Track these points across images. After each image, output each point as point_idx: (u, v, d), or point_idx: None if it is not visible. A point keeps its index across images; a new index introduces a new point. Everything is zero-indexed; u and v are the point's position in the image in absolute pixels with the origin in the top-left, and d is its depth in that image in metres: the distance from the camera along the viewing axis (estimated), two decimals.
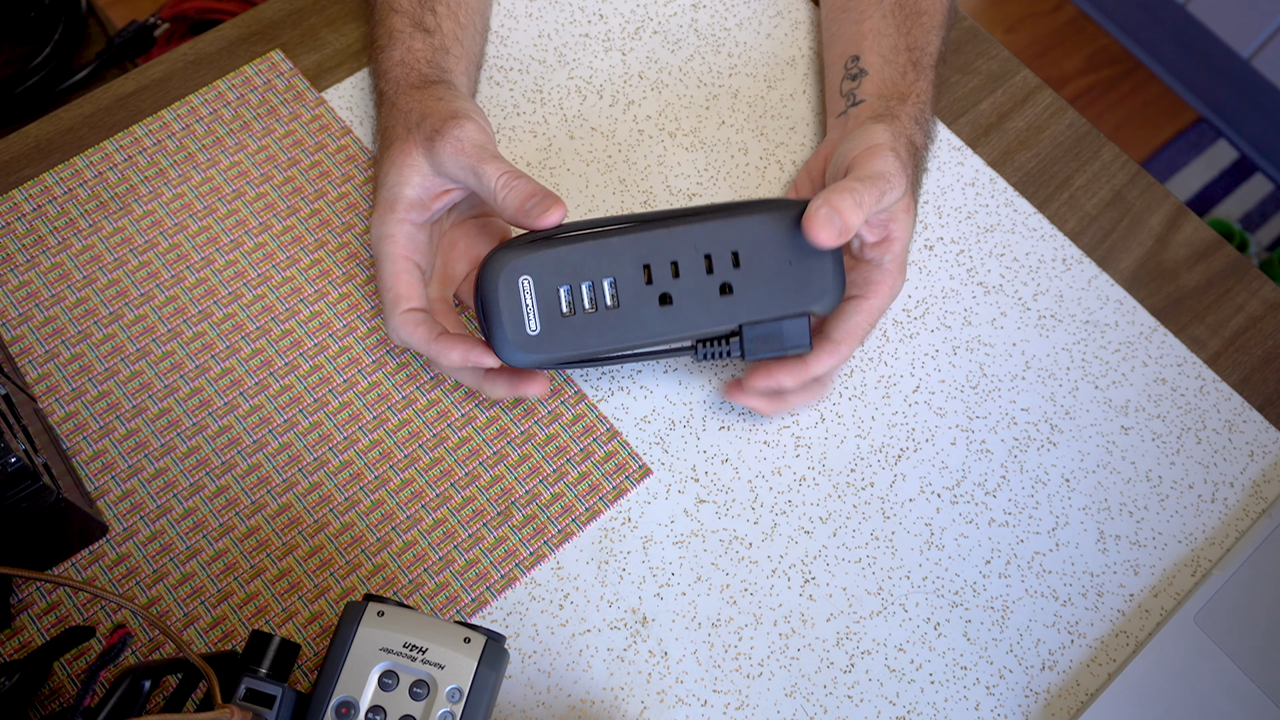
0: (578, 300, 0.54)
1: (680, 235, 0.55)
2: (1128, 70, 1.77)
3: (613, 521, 0.59)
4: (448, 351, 0.55)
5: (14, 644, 0.54)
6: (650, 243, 0.55)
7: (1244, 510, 0.61)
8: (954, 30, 0.75)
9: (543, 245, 0.54)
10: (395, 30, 0.63)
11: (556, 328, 0.54)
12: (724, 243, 0.55)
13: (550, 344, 0.54)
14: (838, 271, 0.56)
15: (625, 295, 0.55)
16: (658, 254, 0.55)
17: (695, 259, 0.55)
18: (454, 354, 0.55)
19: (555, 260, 0.54)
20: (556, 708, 0.55)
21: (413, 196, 0.57)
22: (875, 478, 0.61)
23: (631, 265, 0.55)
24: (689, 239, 0.55)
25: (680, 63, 0.72)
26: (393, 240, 0.57)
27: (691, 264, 0.55)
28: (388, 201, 0.57)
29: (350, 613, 0.46)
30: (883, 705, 0.56)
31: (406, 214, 0.57)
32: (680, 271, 0.55)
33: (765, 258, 0.55)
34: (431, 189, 0.57)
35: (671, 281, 0.55)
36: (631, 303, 0.55)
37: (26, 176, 0.65)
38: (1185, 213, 0.70)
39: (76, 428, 0.59)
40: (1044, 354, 0.65)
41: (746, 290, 0.55)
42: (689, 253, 0.55)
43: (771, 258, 0.55)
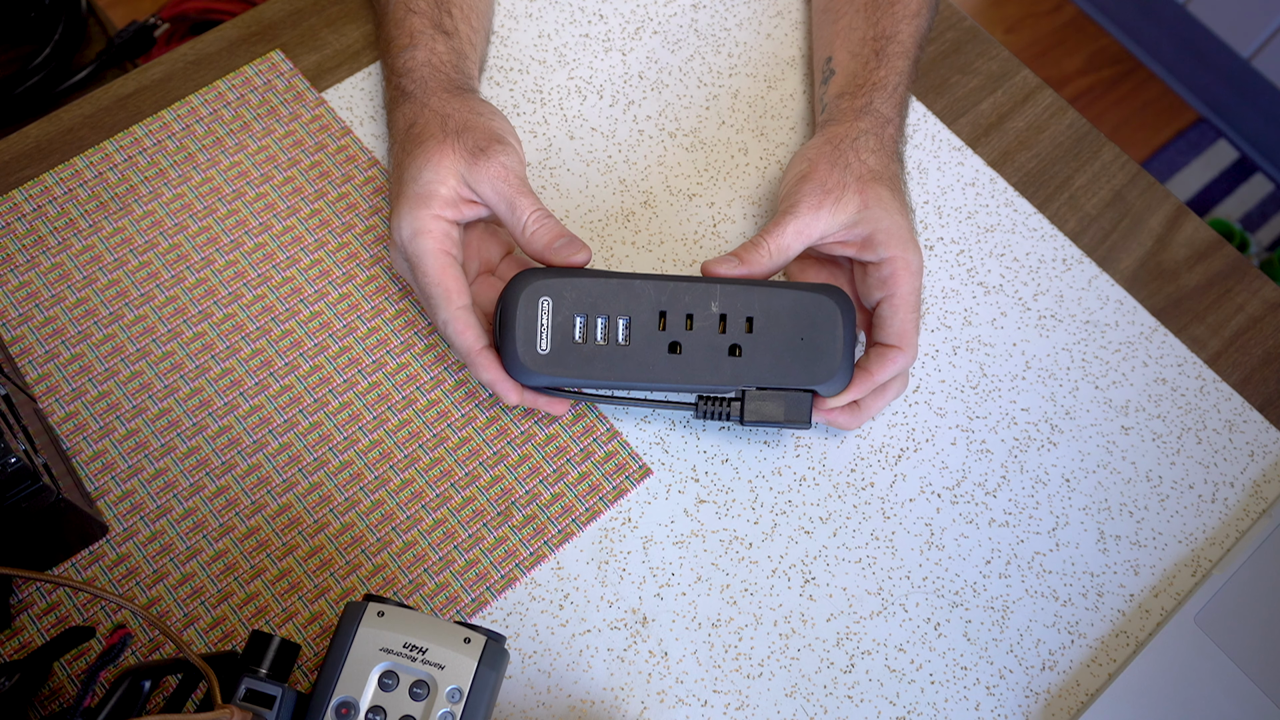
0: (591, 331, 0.57)
1: (700, 291, 0.57)
2: (1128, 70, 1.77)
3: (613, 521, 0.59)
4: (485, 369, 0.57)
5: (14, 644, 0.54)
6: (670, 292, 0.57)
7: (1244, 510, 0.61)
8: (954, 30, 0.75)
9: (569, 274, 0.57)
10: (416, 31, 0.63)
11: (566, 352, 0.56)
12: (741, 306, 0.57)
13: (557, 366, 0.56)
14: (847, 356, 0.57)
15: (637, 336, 0.57)
16: (675, 304, 0.57)
17: (710, 316, 0.57)
18: (486, 374, 0.57)
19: (578, 289, 0.57)
20: (556, 708, 0.55)
21: (448, 195, 0.57)
22: (875, 478, 0.61)
23: (648, 309, 0.57)
24: (708, 296, 0.57)
25: (680, 63, 0.72)
26: (430, 235, 0.57)
27: (705, 320, 0.57)
28: (420, 196, 0.57)
29: (350, 613, 0.46)
30: (883, 705, 0.56)
31: (442, 211, 0.57)
32: (694, 324, 0.57)
33: (778, 329, 0.57)
34: (464, 195, 0.58)
35: (684, 332, 0.57)
36: (641, 344, 0.57)
37: (26, 177, 0.65)
38: (1185, 213, 0.70)
39: (76, 428, 0.59)
40: (1044, 354, 0.65)
41: (755, 356, 0.57)
42: (705, 309, 0.57)
43: (785, 330, 0.57)
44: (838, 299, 0.57)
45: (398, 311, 0.63)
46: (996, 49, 0.75)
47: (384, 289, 0.64)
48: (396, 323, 0.63)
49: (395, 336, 0.62)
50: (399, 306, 0.63)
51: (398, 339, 0.62)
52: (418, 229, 0.57)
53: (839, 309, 0.57)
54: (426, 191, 0.57)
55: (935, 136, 0.71)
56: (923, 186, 0.69)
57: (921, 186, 0.69)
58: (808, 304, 0.57)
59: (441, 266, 0.57)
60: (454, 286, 0.56)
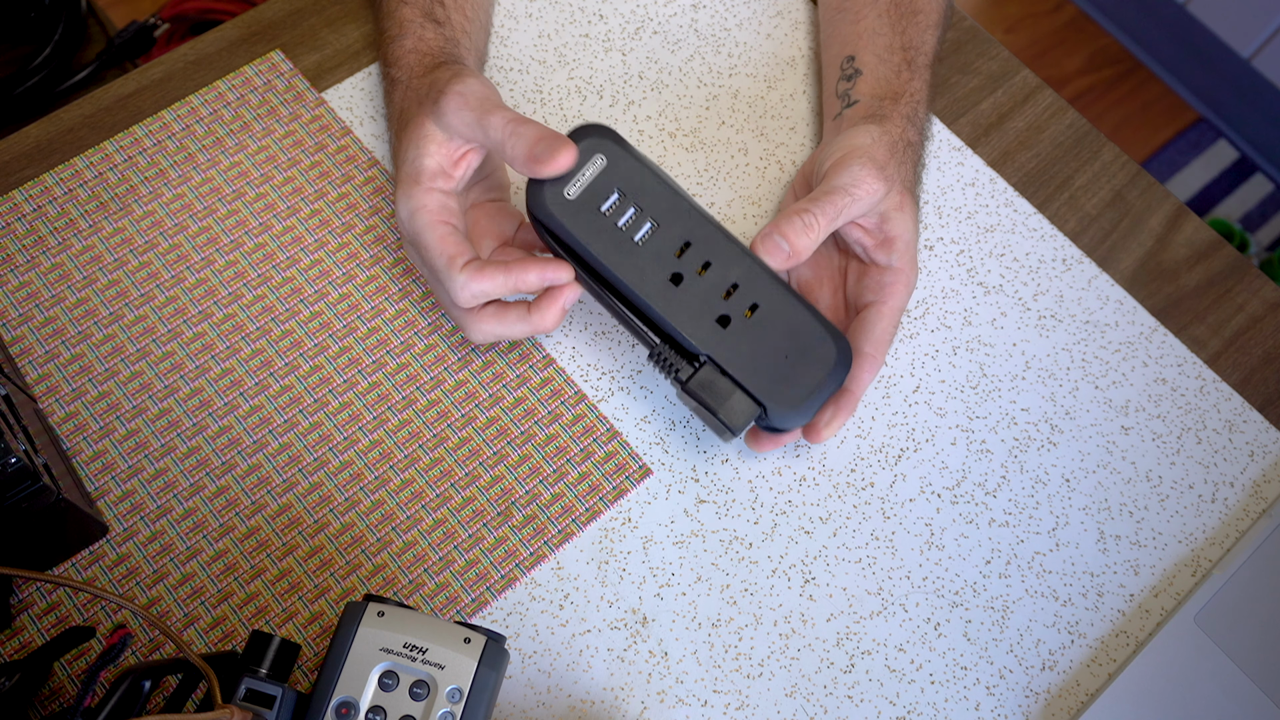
0: (618, 212, 0.55)
1: (732, 252, 0.56)
2: (1128, 70, 1.77)
3: (613, 521, 0.59)
4: (524, 275, 0.55)
5: (14, 644, 0.54)
6: (706, 233, 0.56)
7: (1244, 510, 0.61)
8: (954, 30, 0.75)
9: (637, 154, 0.56)
10: (406, 20, 0.63)
11: (584, 212, 0.55)
12: (755, 289, 0.56)
13: (570, 217, 0.55)
14: (815, 400, 0.55)
15: (652, 246, 0.55)
16: (703, 246, 0.56)
17: (725, 277, 0.56)
18: (530, 275, 0.55)
19: (634, 171, 0.56)
20: (556, 708, 0.55)
21: (433, 166, 0.57)
22: (875, 478, 0.61)
23: (678, 232, 0.56)
24: (735, 261, 0.56)
25: (680, 63, 0.72)
26: (425, 210, 0.56)
27: (718, 277, 0.56)
28: (410, 176, 0.57)
29: (350, 613, 0.46)
30: (883, 705, 0.56)
31: (431, 183, 0.57)
32: (705, 273, 0.56)
33: (774, 334, 0.55)
34: (450, 155, 0.57)
35: (693, 274, 0.56)
36: (651, 255, 0.55)
37: (27, 177, 0.65)
38: (1185, 213, 0.70)
39: (77, 428, 0.59)
40: (1044, 354, 0.65)
41: (738, 339, 0.55)
42: (725, 268, 0.56)
43: (778, 339, 0.55)
44: (841, 349, 0.56)
45: (398, 311, 0.63)
46: (996, 49, 0.75)
47: (384, 289, 0.64)
48: (396, 323, 0.63)
49: (395, 336, 0.62)
50: (399, 306, 0.63)
51: (398, 339, 0.62)
52: (412, 208, 0.56)
53: (837, 357, 0.55)
54: (414, 170, 0.57)
55: (935, 136, 0.71)
56: (923, 184, 0.69)
57: (922, 186, 0.69)
58: (813, 333, 0.55)
59: (441, 236, 0.56)
60: (455, 250, 0.55)
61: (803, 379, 0.55)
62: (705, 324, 0.55)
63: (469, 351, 0.62)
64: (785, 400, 0.55)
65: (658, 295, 0.55)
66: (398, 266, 0.64)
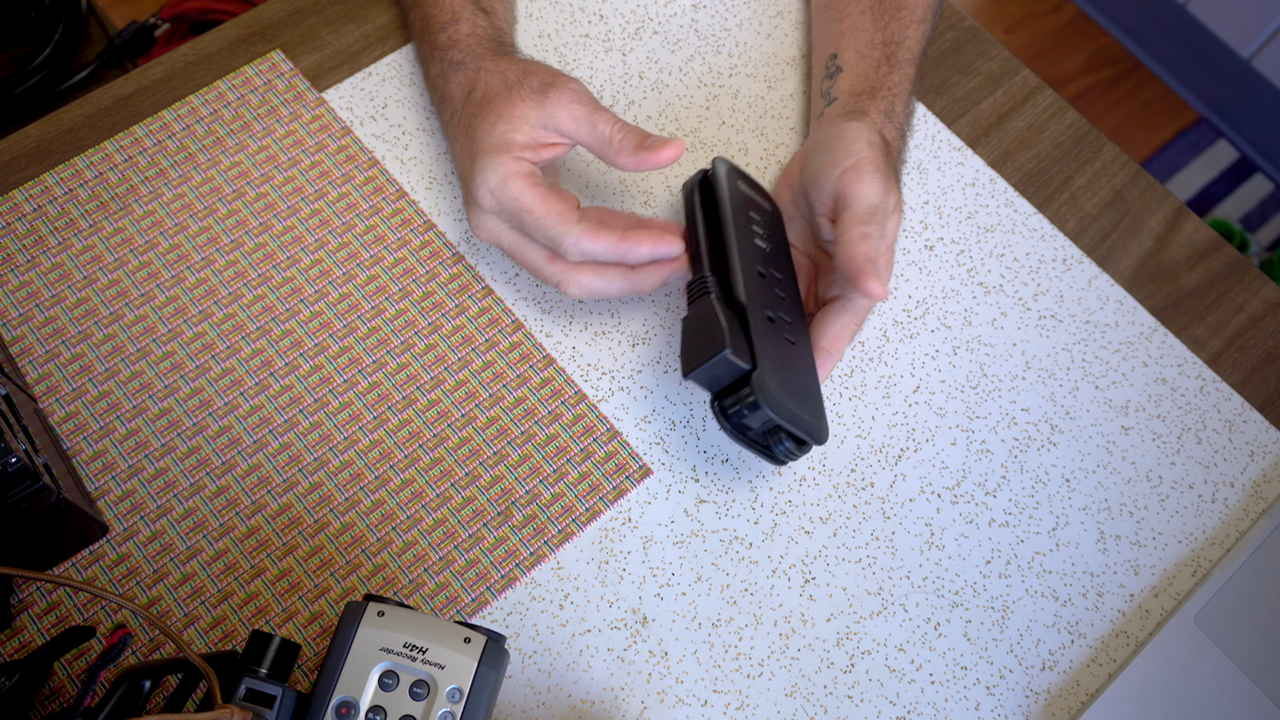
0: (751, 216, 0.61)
1: (796, 298, 0.60)
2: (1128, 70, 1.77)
3: (613, 521, 0.59)
4: (637, 247, 0.56)
5: (14, 644, 0.54)
6: (789, 274, 0.61)
7: (1244, 510, 0.61)
8: (954, 30, 0.75)
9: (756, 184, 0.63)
10: (456, 7, 0.64)
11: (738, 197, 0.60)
12: (799, 334, 0.59)
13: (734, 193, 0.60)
14: (797, 422, 0.55)
15: (759, 249, 0.59)
16: (785, 278, 0.60)
17: (787, 309, 0.59)
18: (643, 249, 0.56)
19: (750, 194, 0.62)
20: (556, 708, 0.55)
21: (524, 140, 0.57)
22: (875, 478, 0.61)
23: (776, 257, 0.60)
24: (796, 305, 0.60)
25: (680, 63, 0.72)
26: (519, 175, 0.57)
27: (785, 306, 0.58)
28: (499, 146, 0.57)
29: (350, 613, 0.46)
30: (883, 705, 0.56)
31: (521, 153, 0.57)
32: (779, 290, 0.59)
33: (796, 365, 0.57)
34: (539, 139, 0.58)
35: (772, 284, 0.59)
36: (756, 253, 0.59)
37: (27, 177, 0.65)
38: (1185, 213, 0.70)
39: (77, 428, 0.59)
40: (1044, 354, 0.65)
41: (773, 337, 0.56)
42: (790, 305, 0.59)
43: (796, 371, 0.57)
44: (824, 433, 0.57)
45: (398, 311, 0.63)
46: (996, 49, 0.75)
47: (384, 289, 0.64)
48: (397, 323, 0.63)
49: (395, 336, 0.62)
50: (399, 306, 0.63)
51: (398, 339, 0.62)
52: (505, 175, 0.57)
53: (819, 432, 0.56)
54: (504, 139, 0.57)
55: (935, 136, 0.71)
56: (923, 186, 0.69)
57: (922, 186, 0.69)
58: (816, 400, 0.57)
59: (542, 195, 0.56)
60: (563, 207, 0.56)
61: (794, 400, 0.55)
62: (759, 311, 0.56)
63: (469, 351, 0.62)
64: (775, 393, 0.54)
65: (750, 271, 0.57)
66: (398, 267, 0.64)
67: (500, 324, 0.63)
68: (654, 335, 0.64)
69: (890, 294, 0.66)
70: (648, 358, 0.63)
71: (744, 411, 0.54)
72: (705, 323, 0.55)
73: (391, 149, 0.68)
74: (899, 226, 0.60)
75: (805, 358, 0.58)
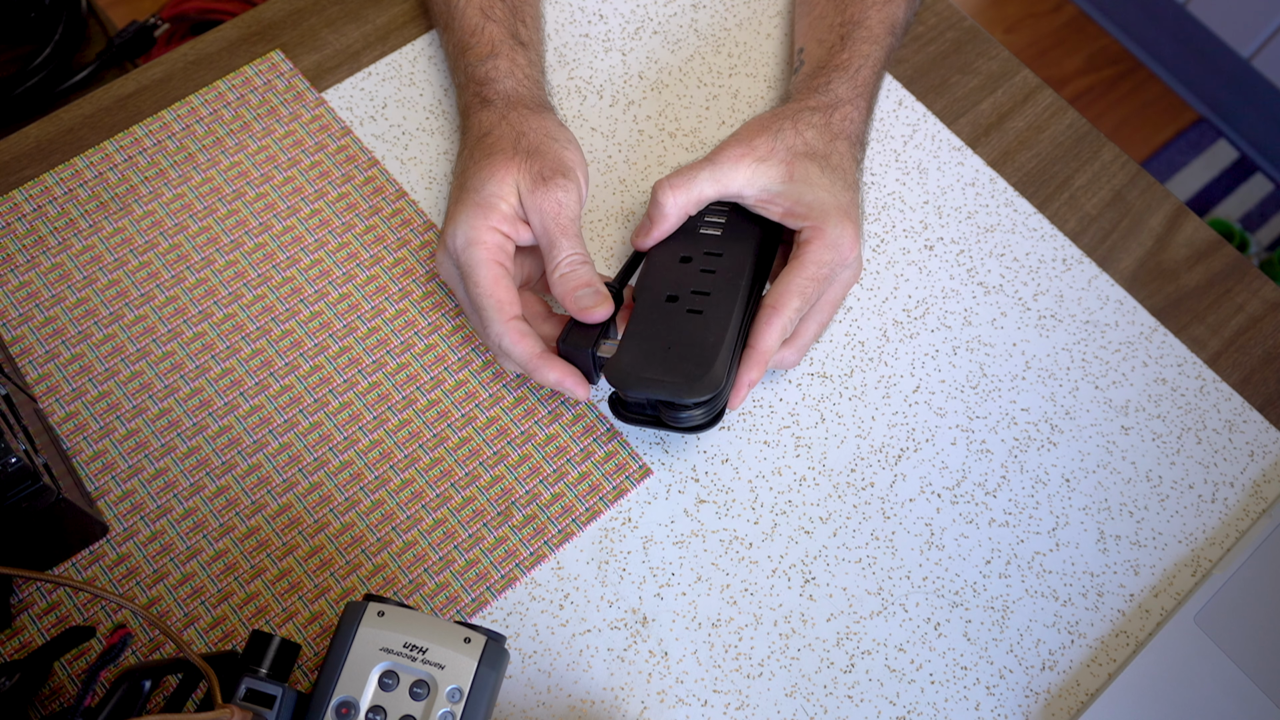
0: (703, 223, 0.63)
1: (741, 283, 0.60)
2: (1128, 70, 1.77)
3: (613, 521, 0.59)
4: (546, 372, 0.57)
5: (14, 644, 0.54)
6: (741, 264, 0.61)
7: (1244, 510, 0.61)
8: (954, 30, 0.75)
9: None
10: (496, 40, 0.63)
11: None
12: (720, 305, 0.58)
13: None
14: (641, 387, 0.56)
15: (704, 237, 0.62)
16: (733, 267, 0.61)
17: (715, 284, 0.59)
18: (551, 375, 0.57)
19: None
20: (556, 708, 0.55)
21: (507, 211, 0.58)
22: (875, 478, 0.61)
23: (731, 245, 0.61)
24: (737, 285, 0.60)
25: (680, 63, 0.72)
26: (485, 246, 0.57)
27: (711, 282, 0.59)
28: (481, 206, 0.57)
29: (350, 613, 0.46)
30: (883, 705, 0.56)
31: (499, 224, 0.57)
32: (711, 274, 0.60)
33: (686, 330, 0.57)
34: (523, 215, 0.58)
35: (700, 267, 0.60)
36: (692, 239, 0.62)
37: (27, 177, 0.65)
38: (1185, 213, 0.70)
39: (77, 428, 0.59)
40: (1044, 354, 0.65)
41: (662, 310, 0.58)
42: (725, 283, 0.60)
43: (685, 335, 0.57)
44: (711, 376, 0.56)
45: (398, 311, 0.63)
46: (996, 49, 0.75)
47: (384, 289, 0.64)
48: (396, 323, 0.63)
49: (395, 336, 0.62)
50: (399, 306, 0.63)
51: (398, 339, 0.62)
52: (472, 238, 0.57)
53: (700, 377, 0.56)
54: (488, 203, 0.57)
55: (935, 136, 0.71)
56: (923, 186, 0.69)
57: (921, 186, 0.69)
58: (710, 352, 0.56)
59: (494, 278, 0.57)
60: (506, 298, 0.57)
61: (660, 369, 0.56)
62: (658, 288, 0.59)
63: (469, 351, 0.62)
64: (621, 364, 0.56)
65: (664, 262, 0.60)
66: (398, 267, 0.64)
67: None
68: None
69: (891, 293, 0.66)
70: None
71: (617, 393, 0.58)
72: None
73: (391, 149, 0.68)
74: (810, 190, 0.59)
75: (713, 323, 0.57)
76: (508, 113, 0.61)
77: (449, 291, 0.64)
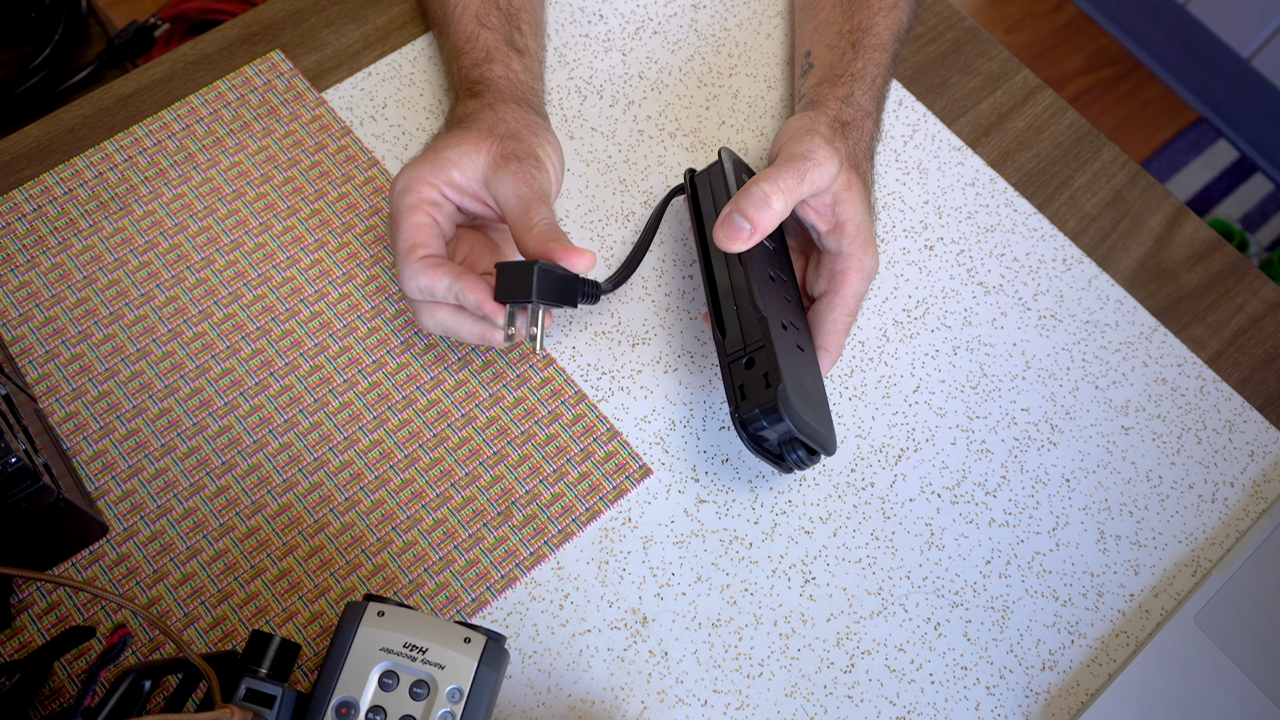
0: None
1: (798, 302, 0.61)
2: (1128, 70, 1.77)
3: (613, 521, 0.59)
4: (469, 292, 0.54)
5: (14, 644, 0.54)
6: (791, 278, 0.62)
7: (1244, 510, 0.61)
8: (954, 30, 0.75)
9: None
10: (491, 47, 0.63)
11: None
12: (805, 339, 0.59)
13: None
14: (811, 432, 0.55)
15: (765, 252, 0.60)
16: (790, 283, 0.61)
17: (794, 315, 0.59)
18: (473, 295, 0.54)
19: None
20: (557, 708, 0.55)
21: (459, 180, 0.57)
22: (875, 478, 0.61)
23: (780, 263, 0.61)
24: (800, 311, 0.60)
25: (680, 63, 0.72)
26: (419, 195, 0.56)
27: (792, 311, 0.59)
28: (433, 163, 0.56)
29: (350, 613, 0.46)
30: (883, 705, 0.56)
31: (444, 185, 0.57)
32: (788, 298, 0.59)
33: (808, 371, 0.57)
34: (476, 190, 0.57)
35: (781, 290, 0.59)
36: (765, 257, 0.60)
37: (27, 177, 0.65)
38: (1185, 213, 0.70)
39: (77, 428, 0.59)
40: (1044, 354, 0.65)
41: (788, 342, 0.56)
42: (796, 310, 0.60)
43: (810, 377, 0.57)
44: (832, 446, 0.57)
45: (397, 311, 0.63)
46: (996, 49, 0.75)
47: (384, 289, 0.64)
48: (396, 323, 0.63)
49: (395, 336, 0.62)
50: (399, 306, 0.63)
51: (398, 339, 0.62)
52: (410, 187, 0.56)
53: (828, 443, 0.57)
54: (440, 162, 0.57)
55: (935, 136, 0.71)
56: (923, 186, 0.69)
57: (921, 186, 0.69)
58: (825, 405, 0.58)
59: (416, 223, 0.55)
60: (422, 239, 0.55)
61: (811, 412, 0.55)
62: (774, 313, 0.56)
63: (469, 351, 0.62)
64: (793, 401, 0.54)
65: (762, 277, 0.57)
66: None
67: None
68: (654, 335, 0.64)
69: (891, 293, 0.66)
70: (648, 358, 0.63)
71: (764, 424, 0.54)
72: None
73: (391, 149, 0.68)
74: (860, 208, 0.59)
75: (812, 363, 0.58)
76: (494, 103, 0.60)
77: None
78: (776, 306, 0.57)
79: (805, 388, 0.56)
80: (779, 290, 0.58)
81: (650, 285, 0.65)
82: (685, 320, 0.64)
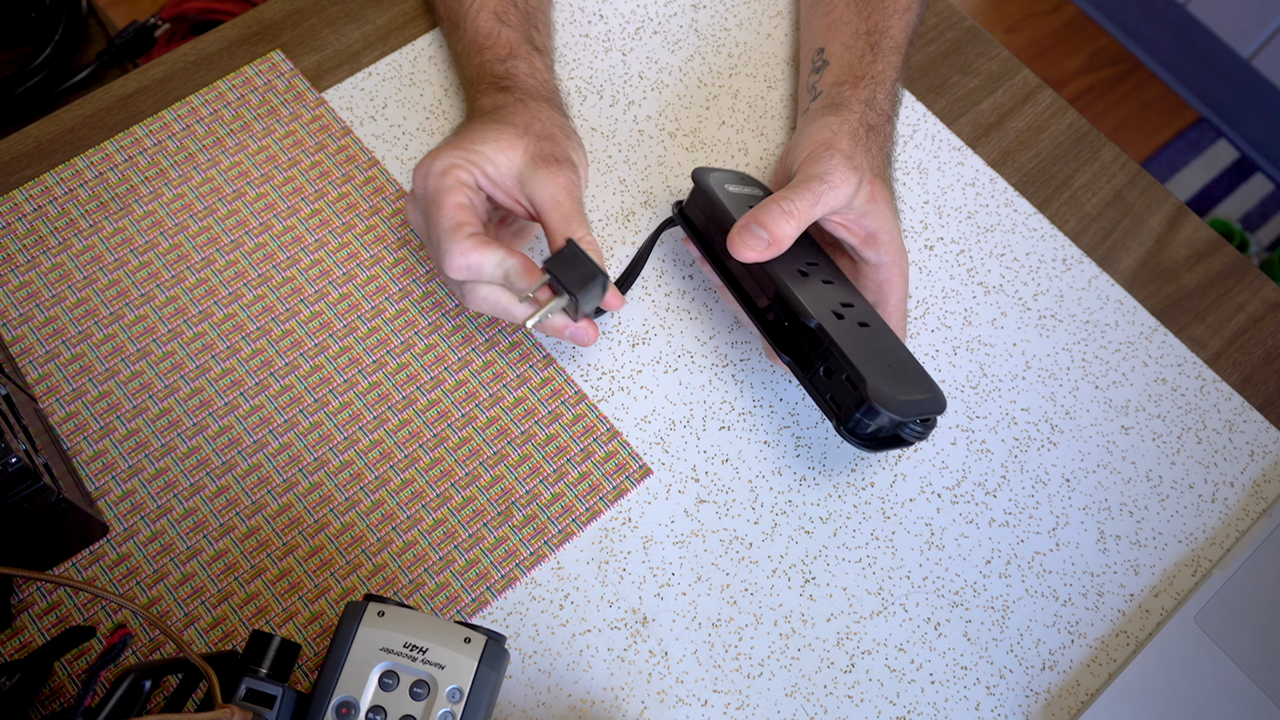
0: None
1: (846, 283, 0.60)
2: (1128, 70, 1.77)
3: (613, 521, 0.59)
4: (524, 274, 0.54)
5: (14, 644, 0.54)
6: (828, 263, 0.61)
7: (1244, 510, 0.61)
8: (954, 30, 0.75)
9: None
10: (514, 43, 0.63)
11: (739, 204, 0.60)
12: (868, 314, 0.58)
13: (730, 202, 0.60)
14: (913, 406, 0.54)
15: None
16: (825, 268, 0.60)
17: (842, 294, 0.58)
18: (529, 276, 0.54)
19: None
20: (557, 708, 0.55)
21: (493, 173, 0.57)
22: (875, 478, 0.61)
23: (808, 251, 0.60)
24: (850, 290, 0.59)
25: (680, 63, 0.72)
26: (458, 178, 0.56)
27: (837, 292, 0.58)
28: (472, 151, 0.56)
29: (351, 613, 0.46)
30: (883, 705, 0.56)
31: (480, 176, 0.57)
32: (828, 285, 0.58)
33: (881, 347, 0.56)
34: (509, 187, 0.57)
35: (818, 280, 0.58)
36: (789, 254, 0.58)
37: (27, 177, 0.65)
38: (1185, 213, 0.70)
39: (77, 428, 0.59)
40: (1044, 354, 0.65)
41: (849, 329, 0.56)
42: (842, 290, 0.59)
43: (885, 352, 0.56)
44: (941, 399, 0.57)
45: (398, 311, 0.63)
46: (996, 49, 0.75)
47: (384, 289, 0.64)
48: (397, 323, 0.63)
49: (395, 336, 0.62)
50: (399, 306, 0.63)
51: (398, 339, 0.62)
52: (447, 166, 0.56)
53: (937, 399, 0.56)
54: (478, 154, 0.56)
55: (935, 136, 0.71)
56: (923, 186, 0.69)
57: (921, 186, 0.69)
58: (917, 370, 0.57)
59: (458, 203, 0.55)
60: (467, 219, 0.55)
61: (904, 388, 0.55)
62: (824, 309, 0.56)
63: (469, 351, 0.62)
64: (884, 390, 0.53)
65: (796, 279, 0.56)
66: (398, 267, 0.64)
67: (500, 323, 0.63)
68: (654, 335, 0.64)
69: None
70: (648, 358, 0.63)
71: (868, 424, 0.55)
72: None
73: (391, 149, 0.68)
74: (888, 216, 0.59)
75: (882, 333, 0.57)
76: (525, 100, 0.60)
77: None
78: (823, 300, 0.56)
79: (889, 365, 0.55)
80: (816, 278, 0.58)
81: (650, 285, 0.65)
82: (685, 320, 0.64)
